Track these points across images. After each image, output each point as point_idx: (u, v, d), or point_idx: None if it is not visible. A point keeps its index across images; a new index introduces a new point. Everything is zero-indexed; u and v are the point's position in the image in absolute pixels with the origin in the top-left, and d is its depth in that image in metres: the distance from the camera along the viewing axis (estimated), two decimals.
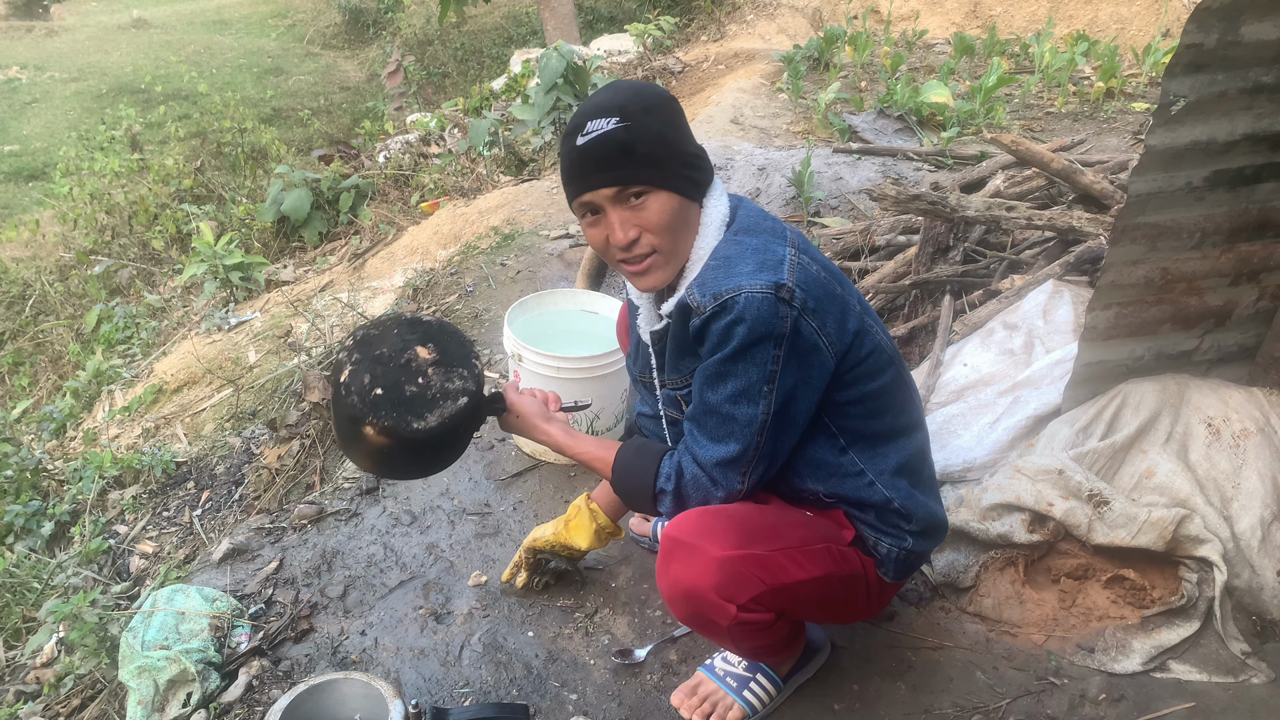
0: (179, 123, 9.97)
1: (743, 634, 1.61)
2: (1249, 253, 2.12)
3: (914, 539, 1.70)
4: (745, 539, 1.55)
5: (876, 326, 1.63)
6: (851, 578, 1.68)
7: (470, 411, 1.66)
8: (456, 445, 1.75)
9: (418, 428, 1.60)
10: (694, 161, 1.56)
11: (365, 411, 1.59)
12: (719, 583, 1.53)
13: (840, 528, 1.70)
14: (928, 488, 1.75)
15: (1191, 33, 1.79)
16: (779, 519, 1.65)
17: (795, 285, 1.46)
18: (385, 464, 1.72)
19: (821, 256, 1.60)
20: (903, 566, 1.73)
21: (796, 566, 1.57)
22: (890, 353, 1.63)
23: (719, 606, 1.54)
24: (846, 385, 1.57)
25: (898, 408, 1.65)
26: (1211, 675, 1.93)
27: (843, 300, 1.55)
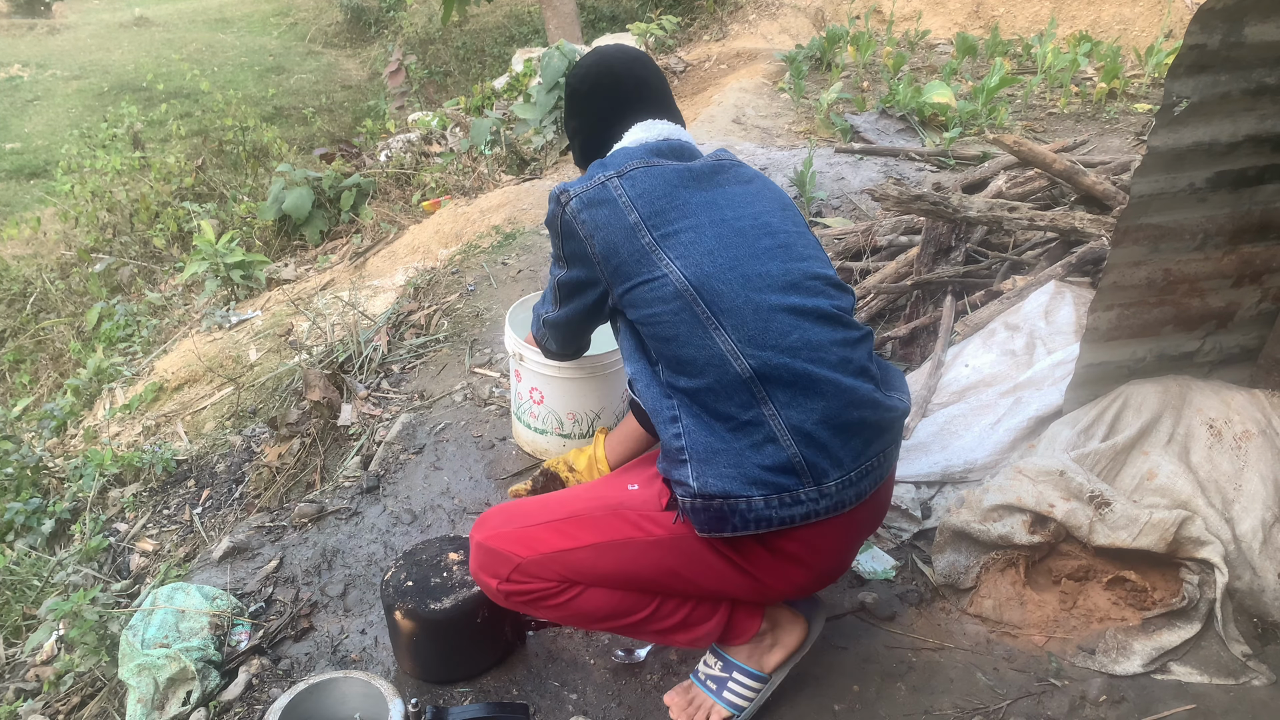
0: (180, 121, 9.97)
1: (528, 603, 1.76)
2: (1251, 254, 2.12)
3: (694, 474, 1.59)
4: (503, 521, 1.78)
5: (671, 260, 1.67)
6: (665, 542, 1.66)
7: (485, 600, 1.91)
8: (481, 636, 1.97)
9: (434, 608, 1.89)
10: (573, 138, 2.02)
11: (395, 599, 1.91)
12: (481, 562, 1.77)
13: (660, 495, 1.71)
14: (723, 426, 1.62)
15: (1195, 33, 1.79)
16: (562, 499, 1.81)
17: (575, 195, 1.74)
18: (420, 655, 1.97)
19: (659, 189, 1.72)
20: (706, 515, 1.59)
21: (558, 536, 1.71)
22: (679, 289, 1.64)
23: (487, 582, 1.78)
24: (631, 305, 1.71)
25: (682, 339, 1.64)
26: (1212, 677, 1.93)
27: (628, 224, 1.70)
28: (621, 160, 1.78)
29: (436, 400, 3.10)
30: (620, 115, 1.92)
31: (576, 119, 1.97)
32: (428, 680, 1.99)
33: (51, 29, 13.84)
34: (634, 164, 1.76)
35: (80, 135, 9.07)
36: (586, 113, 1.95)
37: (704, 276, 1.65)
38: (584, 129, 1.97)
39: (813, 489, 1.60)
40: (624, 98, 1.92)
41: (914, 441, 2.52)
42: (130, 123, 8.68)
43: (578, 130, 1.98)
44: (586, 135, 1.96)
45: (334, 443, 3.04)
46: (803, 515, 1.60)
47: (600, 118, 1.93)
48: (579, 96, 1.95)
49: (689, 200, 1.73)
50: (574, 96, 1.96)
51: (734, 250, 1.69)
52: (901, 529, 2.37)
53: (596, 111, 1.94)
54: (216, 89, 10.43)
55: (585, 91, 1.94)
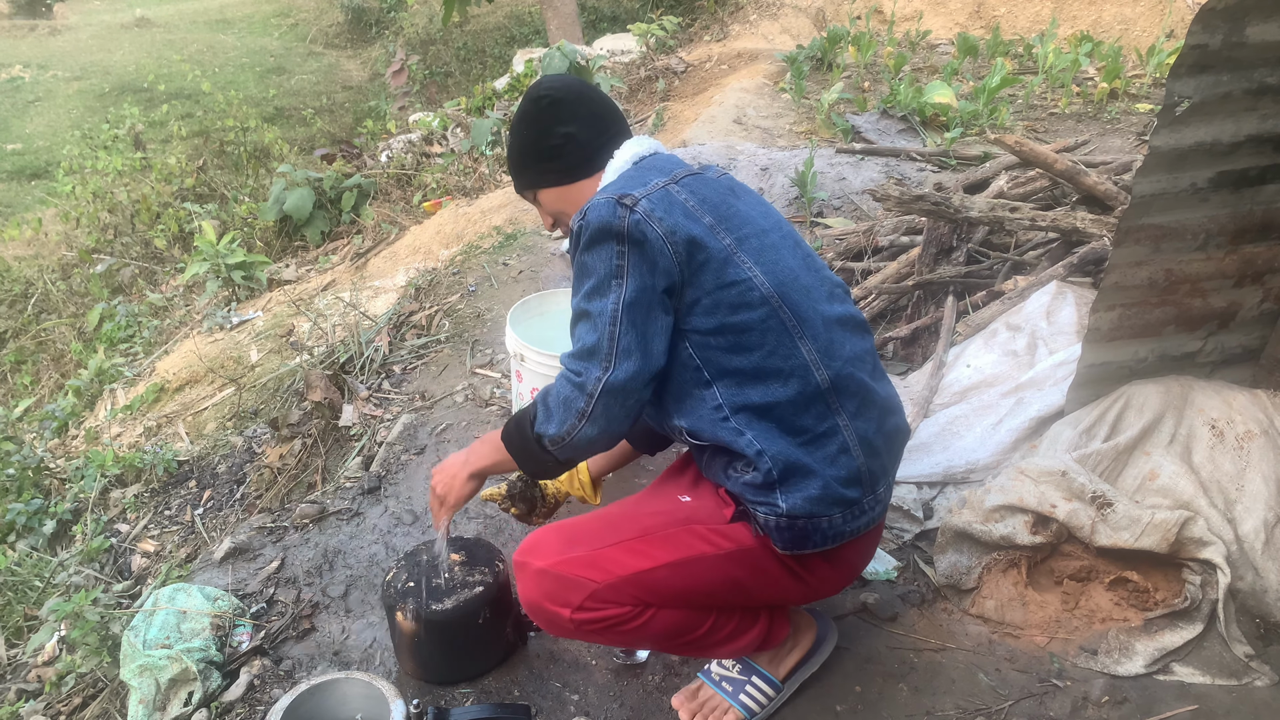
0: (182, 121, 9.98)
1: (599, 632, 1.64)
2: (1253, 254, 2.12)
3: (782, 496, 1.58)
4: (567, 545, 1.62)
5: (753, 262, 1.59)
6: (742, 554, 1.64)
7: (487, 600, 1.91)
8: (483, 637, 1.96)
9: (435, 609, 1.88)
10: (553, 155, 1.76)
11: (397, 600, 1.90)
12: (548, 591, 1.61)
13: (721, 506, 1.68)
14: (799, 439, 1.60)
15: (1196, 33, 1.79)
16: (624, 515, 1.69)
17: (643, 197, 1.55)
18: (421, 656, 1.96)
19: (716, 193, 1.64)
20: (790, 534, 1.60)
21: (635, 557, 1.61)
22: (764, 291, 1.58)
23: (555, 613, 1.61)
24: (707, 311, 1.57)
25: (768, 349, 1.57)
26: (1215, 678, 1.92)
27: (705, 224, 1.58)
28: (658, 170, 1.65)
29: (438, 401, 3.10)
30: (609, 127, 1.77)
31: (566, 125, 1.74)
32: (429, 681, 1.99)
33: (52, 30, 13.85)
34: (680, 171, 1.66)
35: (81, 136, 9.07)
36: (576, 118, 1.74)
37: (781, 284, 1.61)
38: (579, 135, 1.74)
39: (871, 498, 1.66)
40: (611, 111, 1.79)
41: (916, 442, 2.52)
42: (131, 123, 8.68)
43: (571, 137, 1.74)
44: (581, 143, 1.74)
45: (335, 443, 3.04)
46: (865, 525, 1.66)
47: (593, 125, 1.75)
48: (565, 105, 1.74)
49: (738, 209, 1.66)
50: (556, 104, 1.74)
51: (788, 260, 1.66)
52: (903, 529, 2.37)
53: (588, 118, 1.75)
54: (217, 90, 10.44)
55: (571, 99, 1.75)
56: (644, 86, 7.13)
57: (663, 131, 5.91)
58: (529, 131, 1.77)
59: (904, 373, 3.00)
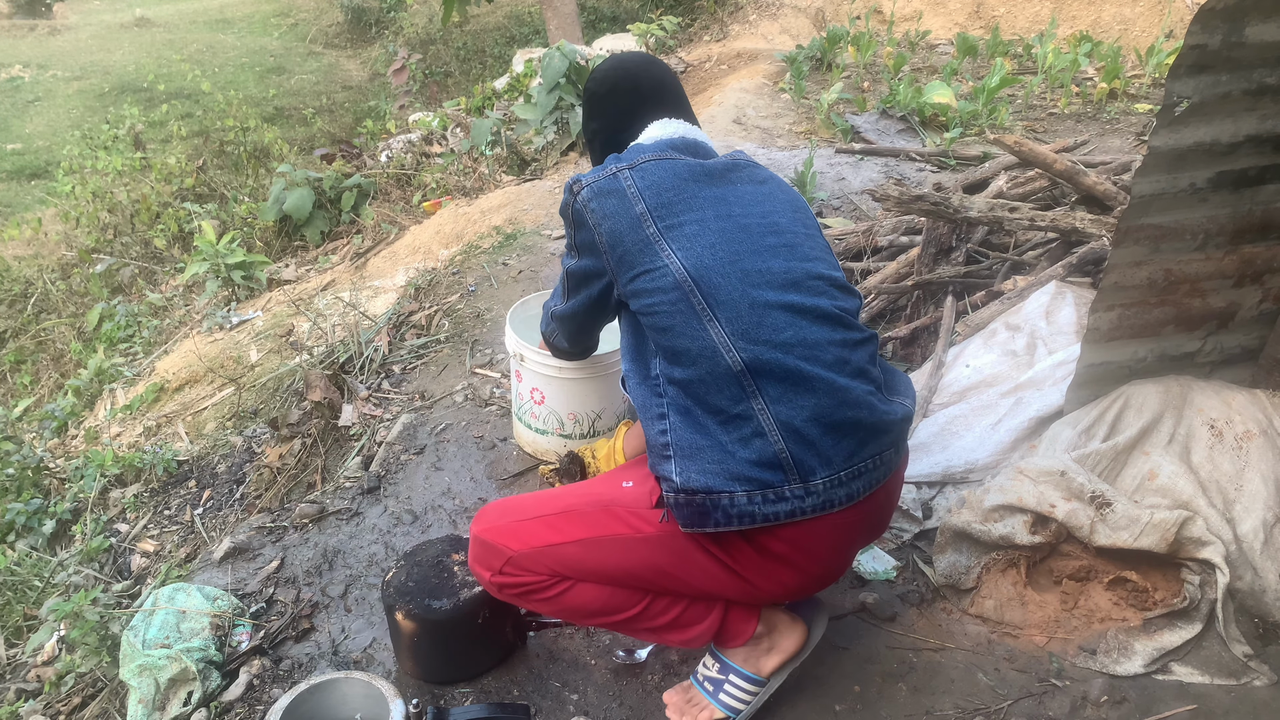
0: (181, 121, 9.98)
1: (519, 595, 1.79)
2: (1252, 254, 2.12)
3: (678, 467, 1.59)
4: (499, 515, 1.83)
5: (673, 251, 1.68)
6: (653, 539, 1.68)
7: (486, 600, 1.92)
8: (482, 637, 1.97)
9: (435, 608, 1.90)
10: (589, 146, 2.07)
11: (396, 599, 1.92)
12: (476, 555, 1.83)
13: (651, 494, 1.73)
14: (715, 419, 1.62)
15: (1196, 34, 1.79)
16: (557, 495, 1.85)
17: (587, 184, 1.76)
18: (421, 656, 1.97)
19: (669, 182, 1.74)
20: (687, 511, 1.59)
21: (549, 530, 1.75)
22: (677, 279, 1.65)
23: (480, 574, 1.83)
24: (634, 294, 1.72)
25: (677, 330, 1.65)
26: (1214, 677, 1.93)
27: (634, 214, 1.71)
28: (635, 154, 1.81)
29: (437, 401, 3.10)
30: (637, 115, 1.95)
31: (596, 120, 2.01)
32: (429, 681, 1.99)
33: (52, 30, 13.85)
34: (646, 157, 1.79)
35: (81, 136, 9.07)
36: (605, 113, 1.99)
37: (703, 268, 1.66)
38: (604, 129, 2.00)
39: (798, 486, 1.58)
40: (641, 98, 1.96)
41: (915, 442, 2.52)
42: (131, 123, 8.68)
43: (597, 131, 2.01)
44: (606, 135, 1.99)
45: (335, 443, 3.04)
46: (787, 512, 1.58)
47: (618, 117, 1.97)
48: (597, 98, 1.99)
49: (697, 195, 1.75)
50: (592, 99, 2.00)
51: (736, 245, 1.70)
52: (902, 529, 2.37)
53: (614, 111, 1.97)
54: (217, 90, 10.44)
55: (604, 93, 1.98)
56: None
57: None
58: (583, 122, 2.08)
59: (909, 378, 3.00)
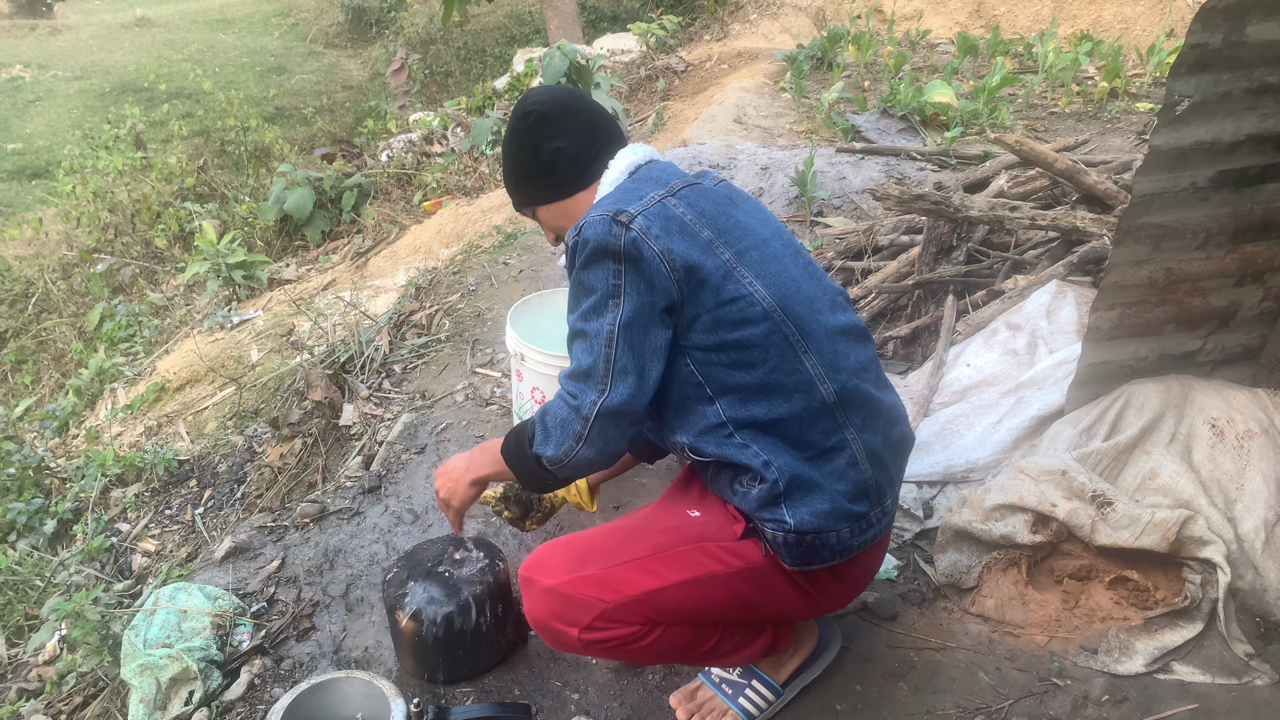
0: (182, 121, 9.98)
1: (608, 651, 1.62)
2: (1253, 253, 2.12)
3: (789, 510, 1.55)
4: (576, 563, 1.60)
5: (753, 277, 1.55)
6: (751, 572, 1.62)
7: (487, 600, 1.92)
8: (483, 637, 1.95)
9: (436, 609, 1.88)
10: (545, 171, 1.72)
11: (397, 599, 1.91)
12: (555, 610, 1.59)
13: (731, 522, 1.65)
14: (806, 454, 1.57)
15: (1196, 33, 1.79)
16: (634, 532, 1.66)
17: (638, 213, 1.52)
18: (422, 656, 1.95)
19: (714, 205, 1.60)
20: (798, 550, 1.57)
21: (646, 576, 1.58)
22: (766, 306, 1.54)
23: (564, 632, 1.60)
24: (708, 329, 1.53)
25: (771, 364, 1.54)
26: (1215, 677, 1.92)
27: (703, 240, 1.54)
28: (654, 181, 1.63)
29: (438, 400, 3.10)
30: (605, 137, 1.72)
31: (556, 140, 1.69)
32: (429, 680, 1.99)
33: (53, 30, 13.85)
34: (677, 183, 1.63)
35: (82, 136, 9.06)
36: (565, 130, 1.70)
37: (783, 297, 1.57)
38: (570, 148, 1.70)
39: (879, 510, 1.63)
40: (602, 120, 1.74)
41: (916, 441, 2.52)
42: (132, 123, 8.68)
43: (561, 152, 1.70)
44: (573, 156, 1.70)
45: (336, 443, 3.04)
46: (872, 538, 1.63)
47: (585, 136, 1.71)
48: (551, 118, 1.70)
49: (737, 219, 1.62)
50: (544, 119, 1.70)
51: (791, 271, 1.62)
52: (903, 529, 2.37)
53: (579, 130, 1.70)
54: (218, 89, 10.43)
55: (558, 112, 1.70)
56: (644, 86, 7.13)
57: (663, 131, 5.91)
58: (519, 149, 1.74)
59: (904, 372, 3.00)
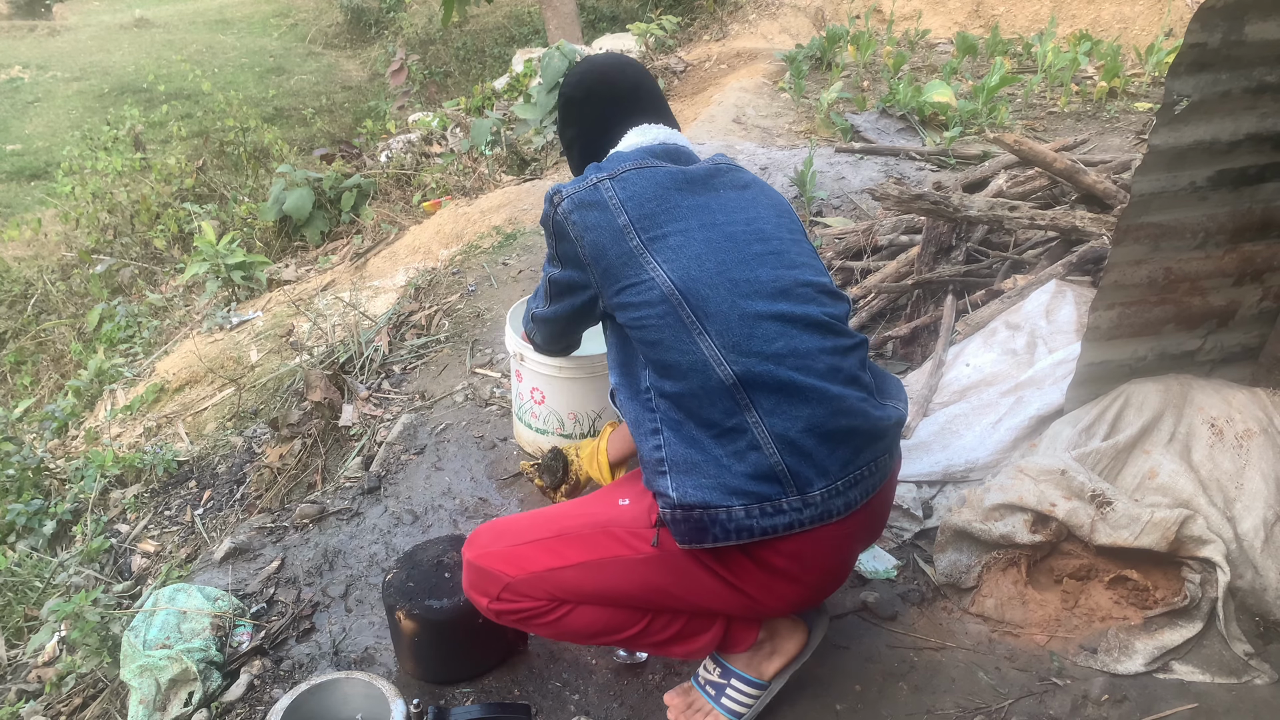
0: (181, 122, 9.98)
1: (520, 621, 1.77)
2: (1252, 253, 2.12)
3: (673, 482, 1.57)
4: (493, 539, 1.78)
5: (659, 264, 1.65)
6: (652, 559, 1.64)
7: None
8: (483, 637, 1.96)
9: (435, 608, 1.90)
10: (568, 149, 2.00)
11: (397, 599, 1.91)
12: (471, 581, 1.79)
13: (649, 512, 1.67)
14: (709, 432, 1.60)
15: (1195, 32, 1.79)
16: (551, 515, 1.80)
17: (568, 196, 1.72)
18: (421, 656, 1.97)
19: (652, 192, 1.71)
20: (685, 526, 1.56)
21: (547, 555, 1.71)
22: (665, 293, 1.62)
23: (478, 600, 1.78)
24: (620, 307, 1.69)
25: (667, 344, 1.62)
26: (1215, 676, 1.92)
27: (617, 226, 1.68)
28: (615, 163, 1.77)
29: (438, 401, 3.10)
30: (616, 120, 1.89)
31: (573, 127, 1.95)
32: (429, 681, 1.99)
33: (52, 30, 13.85)
34: (627, 166, 1.74)
35: (81, 137, 9.06)
36: (583, 119, 1.93)
37: (690, 280, 1.63)
38: (581, 136, 1.94)
39: (796, 498, 1.56)
40: (619, 103, 1.90)
41: (915, 441, 2.52)
42: (131, 124, 8.67)
43: (575, 138, 1.96)
44: (584, 142, 1.94)
45: (335, 443, 3.04)
46: (785, 525, 1.55)
47: (596, 123, 1.92)
48: (574, 104, 1.93)
49: (680, 204, 1.71)
50: (569, 104, 1.94)
51: (723, 255, 1.67)
52: (903, 528, 2.37)
53: (592, 117, 1.92)
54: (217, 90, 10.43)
55: (580, 98, 1.92)
56: None
57: None
58: (559, 128, 2.03)
59: (903, 371, 3.00)
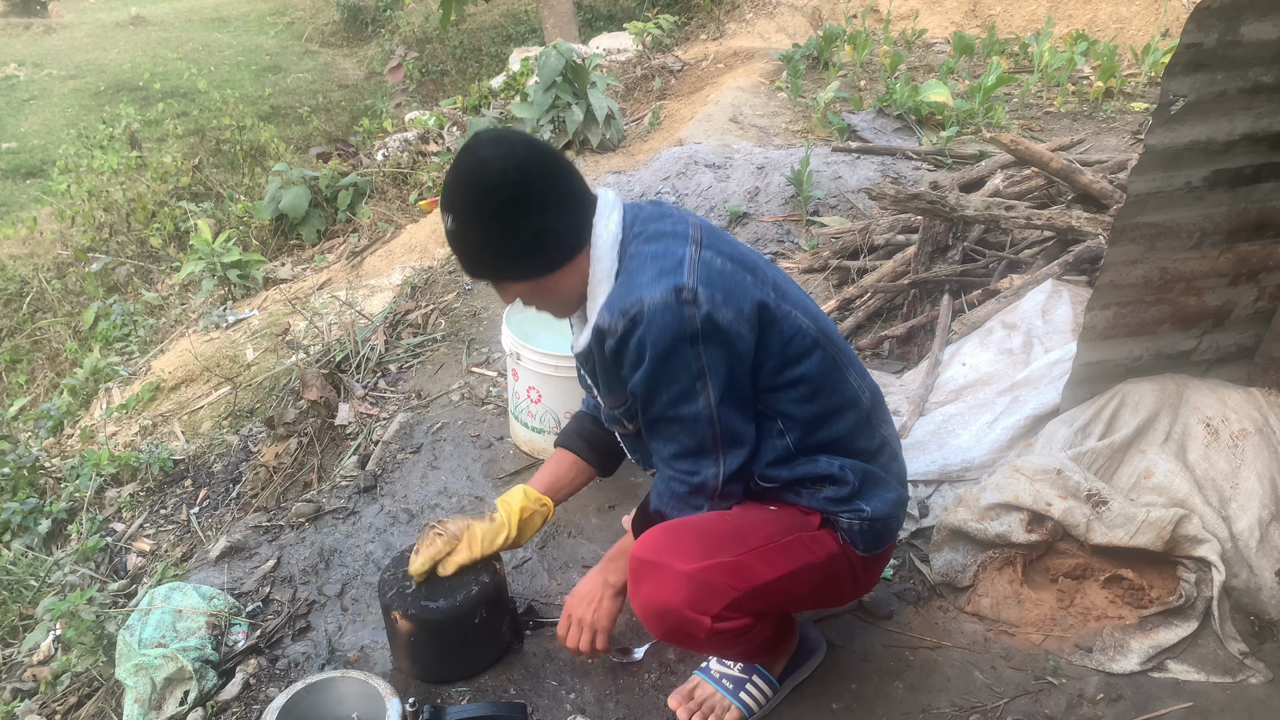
0: (177, 120, 9.95)
1: (722, 642, 1.63)
2: (1248, 253, 2.13)
3: (865, 502, 1.65)
4: (710, 548, 1.56)
5: (796, 310, 1.59)
6: (830, 561, 1.66)
7: (483, 599, 1.89)
8: (478, 636, 1.95)
9: (431, 608, 1.86)
10: (527, 251, 1.54)
11: (393, 599, 1.89)
12: (690, 597, 1.54)
13: (805, 514, 1.68)
14: (868, 452, 1.68)
15: (1191, 32, 1.79)
16: (742, 521, 1.65)
17: (697, 283, 1.46)
18: (417, 655, 1.95)
19: (732, 246, 1.60)
20: (871, 536, 1.68)
21: (767, 565, 1.59)
22: (814, 334, 1.59)
23: (694, 620, 1.55)
24: (775, 371, 1.56)
25: (830, 389, 1.61)
26: (1209, 675, 1.93)
27: (752, 288, 1.53)
28: (667, 236, 1.55)
29: (434, 399, 3.10)
30: (585, 195, 1.59)
31: (543, 216, 1.52)
32: (425, 680, 1.98)
33: (48, 28, 13.81)
34: (691, 230, 1.57)
35: (77, 135, 9.04)
36: (551, 204, 1.53)
37: (815, 318, 1.63)
38: (560, 224, 1.54)
39: (908, 489, 1.77)
40: (572, 173, 1.58)
41: (911, 440, 2.52)
42: (127, 122, 8.65)
43: (548, 230, 1.53)
44: (563, 231, 1.55)
45: (331, 442, 3.04)
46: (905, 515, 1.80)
47: (573, 204, 1.56)
48: (531, 189, 1.50)
49: (745, 251, 1.65)
50: (523, 193, 1.50)
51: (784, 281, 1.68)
52: None
53: (566, 196, 1.55)
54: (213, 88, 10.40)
55: (538, 181, 1.51)
56: (640, 85, 7.12)
57: (659, 130, 5.90)
58: (488, 228, 1.53)
59: (899, 371, 3.00)
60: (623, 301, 1.48)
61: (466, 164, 1.51)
